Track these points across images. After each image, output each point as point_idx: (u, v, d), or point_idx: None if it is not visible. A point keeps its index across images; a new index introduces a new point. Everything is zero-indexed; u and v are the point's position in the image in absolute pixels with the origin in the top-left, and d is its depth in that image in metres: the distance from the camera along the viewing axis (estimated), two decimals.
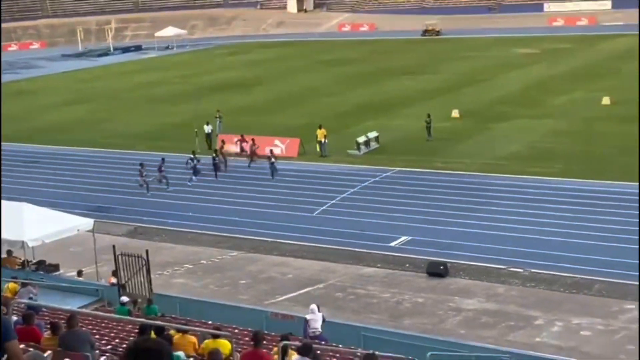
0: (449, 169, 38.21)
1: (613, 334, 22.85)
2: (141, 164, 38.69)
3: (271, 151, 40.16)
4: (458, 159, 40.02)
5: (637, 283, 24.83)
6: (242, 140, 44.17)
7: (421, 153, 39.35)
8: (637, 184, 32.26)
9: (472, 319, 24.31)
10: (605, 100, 49.45)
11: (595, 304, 24.72)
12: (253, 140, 42.77)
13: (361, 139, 41.67)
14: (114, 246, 23.76)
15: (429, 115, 44.87)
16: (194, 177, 39.65)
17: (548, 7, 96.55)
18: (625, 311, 24.16)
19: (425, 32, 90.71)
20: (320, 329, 19.12)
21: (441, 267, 27.53)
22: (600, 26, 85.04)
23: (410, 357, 16.84)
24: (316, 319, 19.41)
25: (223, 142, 43.86)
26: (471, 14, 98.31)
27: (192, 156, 39.98)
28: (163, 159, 39.55)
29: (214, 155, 41.15)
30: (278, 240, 31.78)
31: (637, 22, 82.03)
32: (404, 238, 30.73)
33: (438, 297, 26.00)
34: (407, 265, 28.45)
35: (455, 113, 49.53)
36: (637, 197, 31.65)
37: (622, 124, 43.98)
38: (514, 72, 63.02)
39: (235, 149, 44.65)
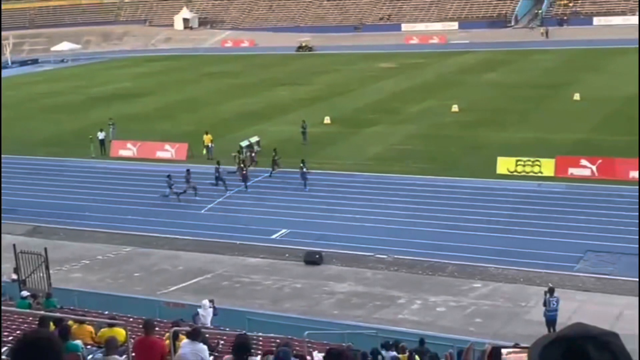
0: (323, 169, 38.51)
1: (464, 309, 23.56)
2: (168, 176, 34.97)
3: (302, 161, 36.65)
4: (330, 160, 40.38)
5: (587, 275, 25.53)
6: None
7: (298, 155, 39.40)
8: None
9: (344, 301, 24.60)
10: (454, 108, 50.87)
11: (448, 284, 25.44)
12: (275, 150, 39.08)
13: (244, 143, 41.49)
14: (14, 245, 22.87)
15: (304, 122, 45.17)
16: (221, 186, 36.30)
17: (405, 27, 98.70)
18: (474, 289, 24.96)
19: (300, 48, 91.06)
20: (209, 324, 18.63)
21: (316, 256, 27.75)
22: (449, 44, 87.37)
23: (289, 337, 16.85)
24: (206, 315, 18.97)
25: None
26: (340, 32, 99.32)
27: (216, 166, 36.85)
28: (188, 170, 36.05)
29: (241, 166, 37.30)
30: (169, 236, 31.28)
31: (481, 41, 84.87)
32: (283, 231, 30.79)
33: (314, 283, 26.18)
34: (287, 255, 28.52)
35: (327, 119, 49.93)
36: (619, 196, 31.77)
37: (467, 129, 45.36)
38: (377, 84, 64.02)
39: (127, 153, 43.66)
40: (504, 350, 5.78)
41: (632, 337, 18.66)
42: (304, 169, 35.98)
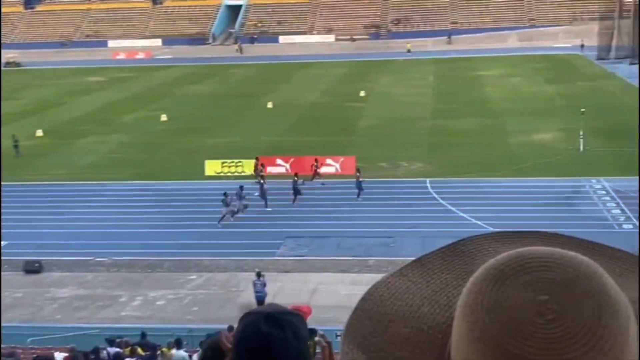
0: (38, 181, 36.13)
1: (181, 300, 23.57)
2: (225, 194, 30.18)
3: (358, 169, 33.12)
4: (45, 172, 38.01)
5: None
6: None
7: (12, 168, 36.68)
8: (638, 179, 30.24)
9: (67, 305, 23.37)
10: (163, 117, 50.53)
11: (166, 279, 25.25)
12: (316, 160, 35.22)
13: None
14: None
15: (14, 135, 42.06)
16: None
17: (111, 43, 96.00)
18: (190, 281, 25.07)
19: (7, 64, 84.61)
20: None
21: (36, 265, 26.02)
22: (155, 59, 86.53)
23: (12, 345, 15.65)
24: None
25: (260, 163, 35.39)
26: (47, 48, 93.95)
27: (260, 181, 32.73)
28: (241, 187, 31.48)
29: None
30: None
31: (184, 57, 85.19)
32: (5, 243, 28.39)
33: (35, 291, 24.53)
34: (6, 266, 26.33)
35: (39, 132, 46.92)
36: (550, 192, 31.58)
37: (176, 136, 45.30)
38: (88, 97, 61.42)
39: None
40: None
41: (325, 307, 20.00)
42: (359, 178, 32.17)
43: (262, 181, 32.79)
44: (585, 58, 71.43)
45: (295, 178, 32.59)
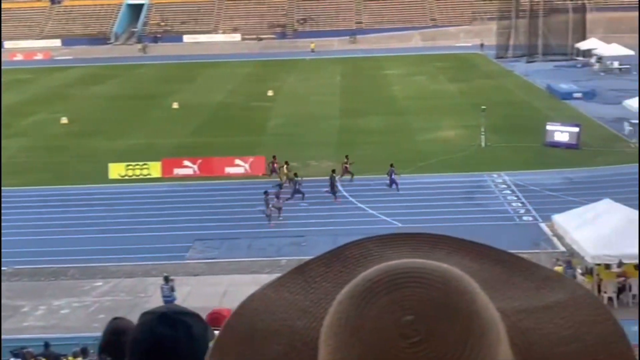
0: None
1: (87, 308, 22.90)
2: (266, 192, 29.44)
3: (392, 165, 32.51)
4: None
5: None
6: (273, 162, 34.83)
7: None
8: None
9: None
10: (64, 120, 48.94)
11: (71, 286, 24.47)
12: (347, 157, 34.35)
13: None
14: None
15: None
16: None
17: (8, 44, 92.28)
18: (96, 288, 24.39)
19: None
20: None
21: None
22: (54, 60, 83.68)
23: None
24: None
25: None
26: None
27: (296, 179, 31.79)
28: (280, 185, 31.40)
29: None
30: None
31: (85, 57, 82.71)
32: None
33: None
34: None
35: None
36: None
37: (78, 139, 43.93)
38: None
39: None
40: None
41: None
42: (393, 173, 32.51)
43: (286, 178, 32.96)
44: (485, 57, 73.86)
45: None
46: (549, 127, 38.90)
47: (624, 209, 21.95)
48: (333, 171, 32.40)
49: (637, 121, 38.70)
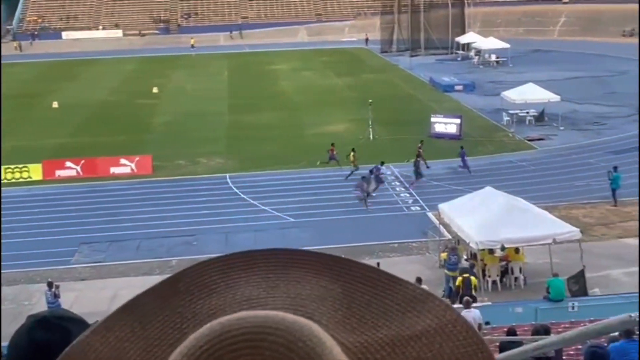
0: None
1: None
2: (363, 177, 29.41)
3: (462, 147, 33.34)
4: None
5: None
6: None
7: None
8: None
9: None
10: None
11: None
12: (422, 141, 34.57)
13: None
14: None
15: None
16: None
17: None
18: None
19: None
20: None
21: None
22: None
23: None
24: None
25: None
26: None
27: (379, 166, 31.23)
28: (378, 167, 31.19)
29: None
30: None
31: None
32: None
33: None
34: None
35: None
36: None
37: None
38: None
39: None
40: None
41: None
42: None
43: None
44: (371, 51, 75.32)
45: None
46: (433, 119, 40.18)
47: (504, 196, 22.96)
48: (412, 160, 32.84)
49: (514, 112, 40.70)
